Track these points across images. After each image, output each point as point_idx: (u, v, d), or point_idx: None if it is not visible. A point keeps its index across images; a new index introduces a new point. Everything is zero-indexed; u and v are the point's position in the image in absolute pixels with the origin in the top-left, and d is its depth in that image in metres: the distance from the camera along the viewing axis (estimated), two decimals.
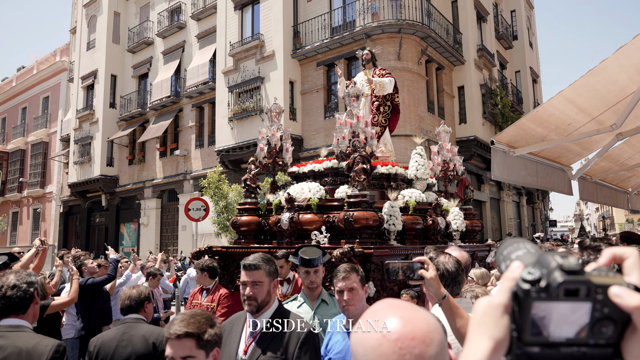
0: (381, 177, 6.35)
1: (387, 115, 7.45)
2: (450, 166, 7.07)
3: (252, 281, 2.46)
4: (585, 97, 4.05)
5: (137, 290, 3.15)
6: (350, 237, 5.08)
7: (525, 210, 25.03)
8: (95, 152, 23.59)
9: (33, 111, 30.91)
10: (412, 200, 5.91)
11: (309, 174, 6.44)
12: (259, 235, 6.35)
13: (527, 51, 25.38)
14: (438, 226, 5.89)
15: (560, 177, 5.31)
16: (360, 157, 5.22)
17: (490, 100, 19.40)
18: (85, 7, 25.45)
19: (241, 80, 17.76)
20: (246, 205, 6.38)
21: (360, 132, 5.41)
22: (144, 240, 22.14)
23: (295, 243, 5.42)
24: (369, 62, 7.66)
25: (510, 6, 25.53)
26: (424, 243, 5.73)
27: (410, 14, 15.37)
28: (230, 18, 18.61)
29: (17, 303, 2.39)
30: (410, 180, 6.69)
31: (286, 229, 5.55)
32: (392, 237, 5.38)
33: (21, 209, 30.62)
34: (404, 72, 15.33)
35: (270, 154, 6.56)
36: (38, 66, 31.13)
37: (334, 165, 6.19)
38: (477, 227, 6.99)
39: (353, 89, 5.69)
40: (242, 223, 6.16)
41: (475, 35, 19.05)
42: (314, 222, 5.41)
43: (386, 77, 7.44)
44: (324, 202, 5.66)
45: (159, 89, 21.49)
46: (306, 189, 5.76)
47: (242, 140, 17.32)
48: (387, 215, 5.32)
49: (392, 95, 7.50)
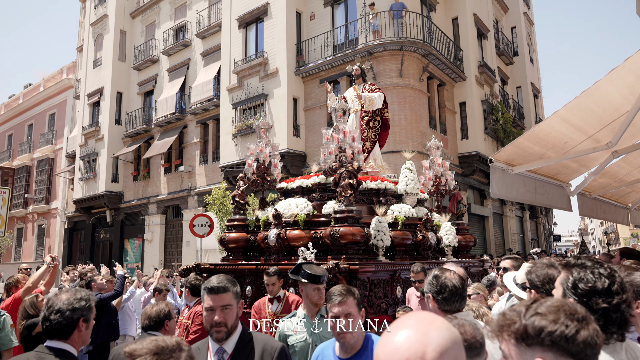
0: (370, 193, 6.28)
1: (377, 130, 7.46)
2: (442, 181, 7.05)
3: (222, 305, 2.28)
4: (581, 117, 4.18)
5: (156, 308, 3.15)
6: (337, 253, 5.05)
7: (529, 225, 25.02)
8: (101, 168, 23.81)
9: (39, 128, 31.26)
10: (401, 216, 5.85)
11: (297, 190, 6.40)
12: (247, 252, 6.27)
13: (527, 67, 25.62)
14: (428, 242, 5.86)
15: (560, 194, 5.41)
16: (346, 172, 5.20)
17: (492, 116, 19.56)
18: (92, 26, 25.91)
19: (245, 97, 18.00)
20: (234, 221, 6.30)
21: (347, 147, 5.39)
22: (148, 256, 22.22)
23: (283, 260, 5.41)
24: (358, 78, 7.68)
25: (511, 23, 25.84)
26: (414, 259, 5.73)
27: (411, 31, 15.62)
28: (234, 36, 18.93)
29: (58, 329, 2.34)
30: (400, 196, 6.62)
31: (273, 245, 5.50)
32: (380, 252, 5.34)
33: (26, 224, 30.79)
34: (405, 89, 15.53)
35: (259, 170, 6.53)
36: (45, 83, 31.56)
37: (322, 180, 6.15)
38: (470, 242, 6.98)
39: (339, 104, 5.68)
40: (231, 240, 6.10)
41: (476, 51, 19.30)
42: (301, 238, 5.36)
43: (376, 92, 7.45)
44: (312, 218, 5.62)
45: (164, 106, 21.76)
46: (293, 205, 5.73)
47: (246, 156, 17.47)
48: (375, 230, 5.28)
49: (382, 111, 7.51)
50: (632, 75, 3.69)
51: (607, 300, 1.54)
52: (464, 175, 18.11)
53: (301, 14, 17.89)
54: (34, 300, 4.34)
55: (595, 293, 1.56)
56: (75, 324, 2.36)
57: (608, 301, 1.54)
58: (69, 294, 2.41)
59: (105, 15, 24.98)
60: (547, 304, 1.10)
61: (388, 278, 5.19)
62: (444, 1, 18.91)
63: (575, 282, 1.61)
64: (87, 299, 2.43)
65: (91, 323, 2.47)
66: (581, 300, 1.56)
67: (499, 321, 1.12)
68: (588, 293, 1.57)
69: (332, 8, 17.40)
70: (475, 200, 19.45)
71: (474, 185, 18.97)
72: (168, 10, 23.40)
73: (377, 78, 15.55)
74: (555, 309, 1.08)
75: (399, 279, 5.28)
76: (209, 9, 21.20)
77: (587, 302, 1.55)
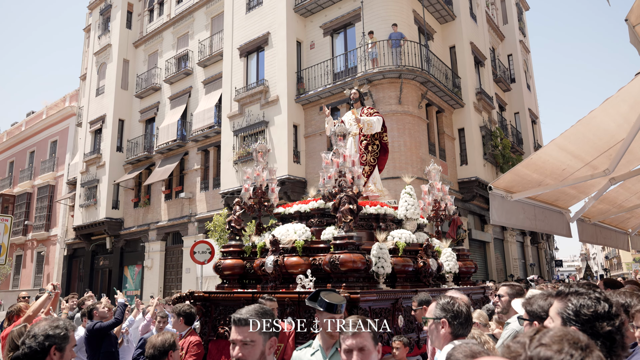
0: (370, 218, 6.12)
1: (376, 154, 7.35)
2: (442, 205, 6.94)
3: (242, 340, 2.04)
4: (578, 144, 4.26)
5: (162, 338, 3.14)
6: (336, 280, 4.90)
7: (530, 251, 24.93)
8: (101, 195, 23.86)
9: (41, 155, 31.45)
10: (401, 242, 5.71)
11: (295, 215, 6.20)
12: (243, 279, 6.08)
13: (525, 93, 25.96)
14: (430, 268, 5.70)
15: (559, 220, 5.46)
16: (346, 197, 5.06)
17: (491, 142, 19.73)
18: (96, 55, 26.35)
19: (246, 124, 18.20)
20: (230, 247, 6.11)
21: (347, 171, 5.26)
22: (147, 283, 22.06)
23: (280, 287, 5.26)
24: (356, 101, 7.57)
25: (507, 50, 26.31)
26: (415, 286, 5.60)
27: (409, 60, 15.91)
28: (235, 65, 19.25)
29: (29, 354, 2.33)
30: (400, 221, 6.46)
31: (270, 272, 5.31)
32: (381, 280, 5.19)
33: (25, 252, 30.65)
34: (405, 116, 15.73)
35: (256, 194, 6.36)
36: (47, 111, 31.90)
37: (321, 205, 5.98)
38: (471, 268, 6.83)
39: (339, 128, 5.58)
40: (226, 267, 5.90)
41: (473, 79, 19.60)
42: (299, 266, 5.20)
43: (374, 115, 7.34)
44: (310, 244, 5.45)
45: (165, 133, 21.96)
46: (291, 230, 5.55)
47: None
48: (376, 257, 5.12)
49: (381, 135, 7.41)
50: (625, 105, 3.78)
51: (610, 323, 1.58)
52: (464, 200, 18.16)
53: (301, 43, 18.24)
54: (22, 330, 4.31)
55: (599, 317, 1.60)
56: (46, 351, 2.33)
57: (612, 324, 1.58)
58: (48, 321, 2.42)
59: (108, 45, 25.44)
60: (550, 334, 1.11)
61: (390, 307, 5.01)
62: (441, 30, 19.31)
63: (577, 310, 1.64)
64: (64, 328, 2.40)
65: (66, 353, 2.39)
66: (585, 327, 1.59)
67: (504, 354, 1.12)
68: (591, 318, 1.60)
69: (331, 37, 17.76)
70: (475, 225, 19.45)
71: (474, 210, 18.99)
72: (170, 39, 23.85)
73: (377, 105, 15.75)
74: (559, 339, 1.08)
75: (401, 307, 5.10)
76: (211, 39, 21.62)
77: (592, 327, 1.58)
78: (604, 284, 4.36)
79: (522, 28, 28.76)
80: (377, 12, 16.55)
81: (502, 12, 26.93)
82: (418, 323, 5.22)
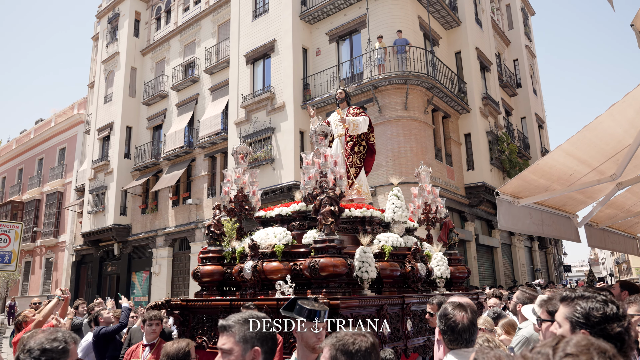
0: (355, 221, 5.85)
1: (362, 155, 7.02)
2: (433, 208, 6.66)
3: (220, 347, 1.93)
4: (584, 150, 4.28)
5: (176, 346, 3.04)
6: (317, 286, 4.65)
7: (538, 256, 24.79)
8: (109, 201, 24.03)
9: (49, 162, 31.73)
10: (388, 245, 5.46)
11: (277, 219, 5.97)
12: (223, 286, 5.84)
13: (531, 98, 25.91)
14: (418, 273, 5.46)
15: (567, 225, 5.46)
16: (327, 198, 4.79)
17: (497, 147, 19.71)
18: (103, 63, 26.63)
19: (253, 130, 18.30)
20: (209, 253, 5.88)
21: (328, 172, 4.99)
22: (155, 289, 22.14)
23: (259, 294, 5.04)
24: (342, 101, 7.28)
25: (513, 55, 26.30)
26: (403, 292, 5.39)
27: (415, 66, 15.96)
28: (242, 72, 19.39)
29: None
30: (388, 224, 6.19)
31: (249, 278, 5.06)
32: (365, 285, 4.96)
33: (34, 258, 30.87)
34: (411, 121, 15.76)
35: (237, 197, 6.11)
36: (56, 119, 32.21)
37: (302, 208, 5.70)
38: (463, 273, 6.58)
39: (319, 127, 5.31)
40: (204, 273, 5.66)
41: (479, 84, 19.61)
42: (279, 271, 4.94)
43: (360, 115, 7.06)
44: (290, 248, 5.22)
45: (172, 140, 22.11)
46: (271, 234, 5.31)
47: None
48: (359, 261, 4.90)
49: (368, 135, 7.11)
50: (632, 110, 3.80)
51: (620, 324, 1.61)
52: (471, 205, 18.13)
53: (307, 50, 18.35)
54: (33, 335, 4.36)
55: (609, 319, 1.62)
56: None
57: (621, 324, 1.61)
58: (46, 334, 2.14)
59: (116, 53, 25.70)
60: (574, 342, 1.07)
61: (374, 314, 4.72)
62: (447, 36, 19.37)
63: (587, 313, 1.65)
64: (62, 341, 2.12)
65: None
66: (595, 330, 1.61)
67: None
68: (602, 321, 1.62)
69: (337, 44, 17.86)
70: (483, 230, 19.39)
71: (482, 215, 18.95)
72: (177, 47, 24.06)
73: (382, 111, 15.81)
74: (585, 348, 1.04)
75: (387, 314, 4.82)
76: (218, 46, 21.79)
77: (603, 329, 1.60)
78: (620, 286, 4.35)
79: (528, 33, 28.76)
80: (382, 19, 16.63)
81: (508, 18, 26.94)
82: (405, 331, 5.05)
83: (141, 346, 4.73)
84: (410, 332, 5.11)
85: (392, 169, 14.99)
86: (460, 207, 17.63)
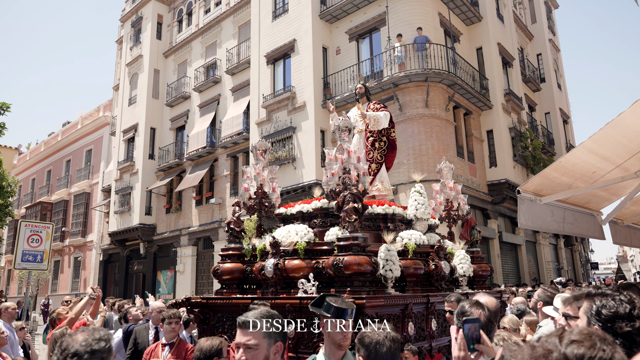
0: (377, 218, 5.74)
1: (383, 151, 6.88)
2: (454, 205, 6.50)
3: (244, 343, 1.93)
4: (607, 147, 4.25)
5: (209, 343, 3.08)
6: (341, 285, 4.56)
7: (564, 253, 24.38)
8: (135, 201, 24.53)
9: (76, 163, 32.51)
10: (411, 243, 5.36)
11: (298, 216, 5.87)
12: (243, 284, 5.78)
13: (555, 93, 25.47)
14: (442, 271, 5.31)
15: (590, 223, 5.41)
16: (350, 195, 4.67)
17: (521, 143, 19.46)
18: (127, 66, 27.17)
19: (274, 130, 18.46)
20: (229, 251, 5.76)
21: (351, 168, 4.85)
22: (180, 288, 22.54)
23: (281, 292, 4.98)
24: (362, 96, 7.12)
25: (536, 50, 25.88)
26: (427, 290, 5.26)
27: (436, 63, 15.87)
28: (263, 72, 19.57)
29: None
30: (410, 221, 6.08)
31: (271, 277, 4.97)
32: (389, 284, 4.84)
33: (63, 257, 31.69)
34: (432, 119, 15.69)
35: (256, 194, 6.00)
36: (82, 121, 32.96)
37: (324, 205, 5.61)
38: (486, 271, 6.41)
39: (343, 122, 5.16)
40: (224, 271, 5.57)
41: (501, 80, 19.38)
42: (301, 269, 4.85)
43: (381, 110, 6.90)
44: (313, 246, 5.10)
45: (195, 140, 22.45)
46: (293, 232, 5.21)
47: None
48: (383, 259, 4.78)
49: (388, 130, 6.96)
50: None
51: (630, 324, 1.66)
52: (494, 203, 17.95)
53: (327, 49, 18.41)
54: (63, 332, 4.51)
55: (618, 318, 1.68)
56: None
57: (631, 325, 1.65)
58: (85, 334, 2.05)
59: (140, 56, 26.19)
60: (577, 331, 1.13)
61: (399, 313, 4.60)
62: (468, 32, 19.19)
63: (599, 309, 1.73)
64: (106, 339, 2.08)
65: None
66: (605, 326, 1.67)
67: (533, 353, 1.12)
68: (611, 318, 1.68)
69: (357, 42, 17.87)
70: (506, 228, 19.18)
71: (505, 213, 18.74)
72: (199, 49, 24.39)
73: (403, 109, 15.77)
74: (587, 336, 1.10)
75: (412, 314, 4.69)
76: (238, 47, 22.02)
77: (612, 327, 1.67)
78: None
79: (552, 26, 28.25)
80: (402, 17, 16.58)
81: (531, 11, 26.52)
82: (430, 330, 4.96)
83: (160, 345, 4.65)
84: (434, 332, 5.03)
85: (413, 167, 14.96)
86: (483, 205, 17.47)
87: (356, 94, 7.25)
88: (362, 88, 7.16)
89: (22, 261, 9.46)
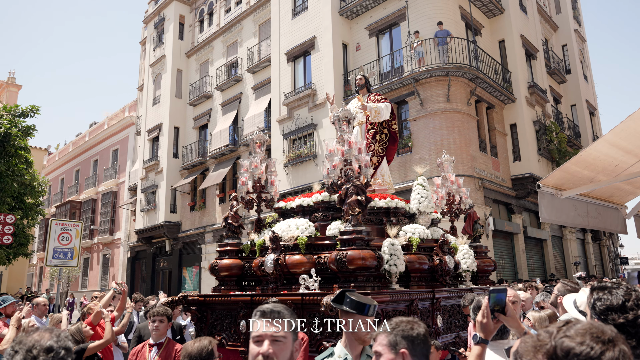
0: (379, 212, 5.58)
1: (384, 143, 6.74)
2: (456, 199, 6.41)
3: (272, 335, 1.76)
4: (630, 140, 4.19)
5: (198, 345, 2.70)
6: (344, 280, 4.40)
7: (592, 248, 23.88)
8: (160, 199, 25.01)
9: (103, 163, 33.28)
10: (415, 237, 5.21)
11: (298, 210, 5.68)
12: (241, 280, 5.62)
13: (581, 84, 24.91)
14: (446, 266, 5.20)
15: (614, 216, 5.34)
16: (353, 187, 4.48)
17: (545, 137, 19.11)
18: (151, 67, 27.65)
19: (295, 127, 18.56)
20: (227, 246, 5.60)
21: (353, 159, 4.70)
22: (205, 284, 22.90)
23: (282, 289, 4.83)
24: (362, 88, 6.99)
25: (561, 41, 25.34)
26: (431, 286, 5.18)
27: (457, 57, 15.71)
28: (283, 70, 19.68)
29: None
30: (413, 215, 5.92)
31: (271, 272, 4.81)
32: (393, 279, 4.71)
33: (92, 255, 32.52)
34: (453, 113, 15.55)
35: (254, 188, 5.86)
36: (108, 122, 33.70)
37: (325, 198, 5.45)
38: (490, 266, 6.34)
39: (343, 112, 5.01)
40: (222, 267, 5.42)
41: (525, 72, 19.06)
42: (302, 264, 4.70)
43: (382, 102, 6.76)
44: (314, 240, 4.95)
45: (218, 139, 22.74)
46: (293, 226, 5.07)
47: (297, 185, 17.94)
48: (387, 254, 4.65)
49: (389, 122, 6.84)
50: None
51: (623, 316, 1.69)
52: (518, 197, 17.70)
53: (347, 45, 18.41)
54: (80, 327, 4.62)
55: (611, 310, 1.72)
56: None
57: (624, 317, 1.69)
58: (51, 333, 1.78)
59: (163, 56, 26.62)
60: (577, 326, 1.16)
61: (404, 309, 4.46)
62: (490, 25, 18.92)
63: (594, 302, 1.78)
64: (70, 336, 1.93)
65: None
66: (600, 318, 1.72)
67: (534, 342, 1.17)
68: (605, 310, 1.73)
69: (377, 38, 17.81)
70: (531, 223, 18.90)
71: (530, 207, 18.45)
72: (220, 48, 24.66)
73: (424, 104, 15.67)
74: (583, 332, 1.13)
75: (417, 310, 4.55)
76: (259, 45, 22.19)
77: (605, 318, 1.71)
78: None
79: (577, 16, 27.60)
80: (422, 11, 16.46)
81: (555, 1, 25.95)
82: (435, 327, 4.89)
83: (147, 345, 4.28)
84: (440, 329, 4.94)
85: (435, 162, 14.85)
86: (507, 200, 17.25)
87: (356, 85, 7.14)
88: (362, 79, 7.05)
89: (54, 258, 9.79)
